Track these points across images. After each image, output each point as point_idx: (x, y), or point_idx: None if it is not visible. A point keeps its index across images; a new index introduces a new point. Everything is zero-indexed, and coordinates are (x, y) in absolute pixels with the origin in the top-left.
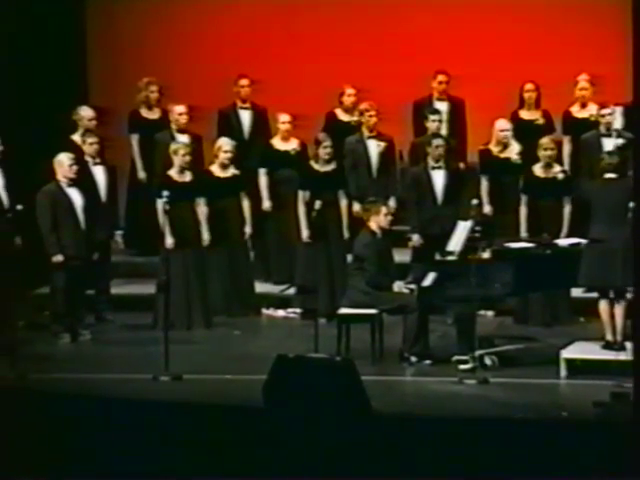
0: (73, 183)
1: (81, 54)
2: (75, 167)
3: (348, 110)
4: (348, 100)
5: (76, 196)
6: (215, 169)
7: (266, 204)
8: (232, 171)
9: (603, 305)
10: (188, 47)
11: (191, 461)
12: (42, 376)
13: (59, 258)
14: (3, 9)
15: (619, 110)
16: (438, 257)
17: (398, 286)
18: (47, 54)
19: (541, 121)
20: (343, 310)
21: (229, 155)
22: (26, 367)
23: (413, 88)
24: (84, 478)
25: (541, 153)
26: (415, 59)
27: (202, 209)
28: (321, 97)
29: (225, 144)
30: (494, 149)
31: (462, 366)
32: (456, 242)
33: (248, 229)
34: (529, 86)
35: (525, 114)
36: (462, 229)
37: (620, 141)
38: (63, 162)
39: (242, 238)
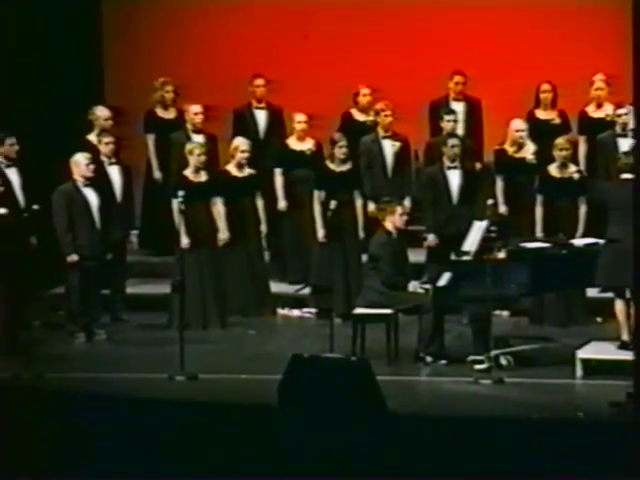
0: (89, 183)
1: (97, 54)
2: (92, 167)
3: (363, 110)
4: (363, 100)
5: (92, 196)
6: (232, 169)
7: (282, 204)
8: (248, 171)
9: (619, 305)
10: (204, 47)
11: (206, 461)
12: (57, 375)
13: (74, 258)
14: (20, 9)
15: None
16: (453, 257)
17: (413, 286)
18: (63, 54)
19: (557, 121)
20: (358, 310)
21: (246, 155)
22: (42, 367)
23: (429, 88)
24: (99, 477)
25: (557, 153)
26: (432, 59)
27: (218, 209)
28: (337, 97)
29: (242, 144)
30: (509, 149)
31: (478, 366)
32: (471, 242)
33: (263, 228)
34: (545, 86)
35: (541, 114)
36: (477, 229)
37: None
38: (80, 162)
39: (258, 238)
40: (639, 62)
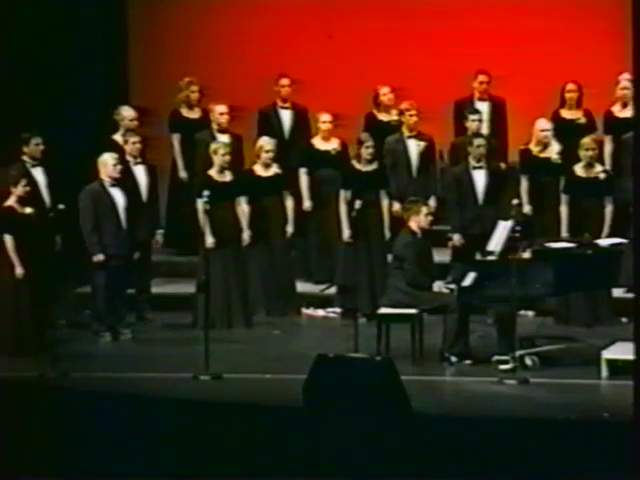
0: (116, 183)
1: (123, 54)
2: (119, 167)
3: (385, 110)
4: (384, 100)
5: (118, 196)
6: (257, 168)
7: (307, 204)
8: (274, 170)
9: None
10: (229, 47)
11: (231, 460)
12: (83, 375)
13: (100, 257)
14: (46, 10)
15: None
16: (478, 257)
17: (438, 286)
18: (89, 54)
19: (582, 120)
20: (383, 310)
21: (271, 154)
22: (67, 366)
23: (454, 88)
24: (123, 476)
25: (582, 153)
26: (456, 59)
27: (243, 208)
28: (362, 96)
29: (267, 143)
30: (534, 149)
31: (502, 366)
32: (496, 242)
33: (290, 228)
34: (571, 86)
35: (566, 113)
36: (502, 229)
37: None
38: (107, 162)
39: (284, 237)
40: (639, 62)
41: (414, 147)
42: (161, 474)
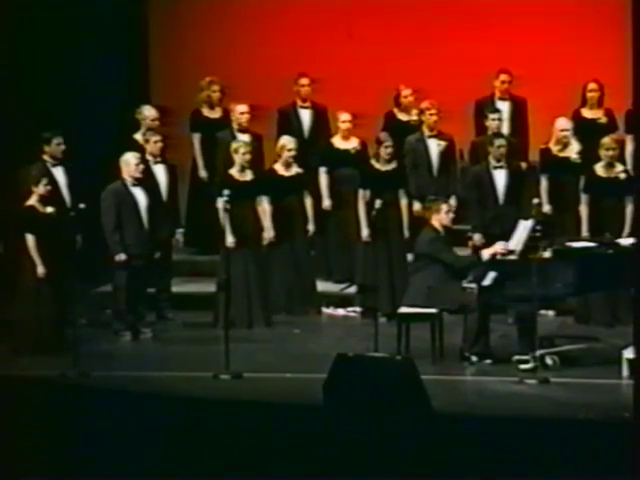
0: (138, 182)
1: (144, 54)
2: (141, 167)
3: (406, 110)
4: (405, 100)
5: (140, 195)
6: (279, 168)
7: (326, 203)
8: (296, 169)
9: None
10: (249, 46)
11: (251, 459)
12: (104, 374)
13: (122, 257)
14: (67, 10)
15: None
16: (499, 256)
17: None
18: (110, 54)
19: (603, 120)
20: (403, 309)
21: (292, 153)
22: (88, 365)
23: (475, 87)
24: (142, 476)
25: (603, 153)
26: (477, 58)
27: (264, 207)
28: (381, 96)
29: (288, 142)
30: (554, 148)
31: (523, 366)
32: (517, 241)
33: (311, 227)
34: (592, 85)
35: (587, 113)
36: (523, 228)
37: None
38: (130, 161)
39: (305, 236)
40: (639, 63)
41: (435, 147)
42: (180, 473)
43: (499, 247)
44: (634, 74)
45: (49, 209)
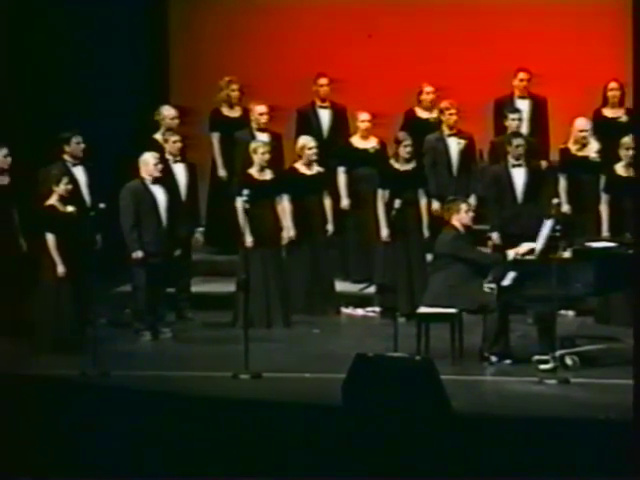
0: (156, 181)
1: (163, 54)
2: (159, 166)
3: (427, 108)
4: (427, 98)
5: (159, 193)
6: (300, 167)
7: (345, 202)
8: (317, 169)
9: None
10: (268, 46)
11: (269, 459)
12: (123, 373)
13: (139, 255)
14: (87, 11)
15: None
16: (518, 256)
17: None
18: (130, 54)
19: (624, 119)
20: (423, 309)
21: (314, 151)
22: (108, 364)
23: (494, 86)
24: (161, 475)
25: (623, 152)
26: (496, 57)
27: (284, 206)
28: (400, 95)
29: (308, 141)
30: (572, 148)
31: (543, 366)
32: (539, 241)
33: (330, 227)
34: (613, 84)
35: (608, 112)
36: (545, 228)
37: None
38: (148, 161)
39: (324, 236)
40: (639, 64)
41: (455, 146)
42: (199, 473)
43: (525, 248)
44: (634, 74)
45: (70, 208)
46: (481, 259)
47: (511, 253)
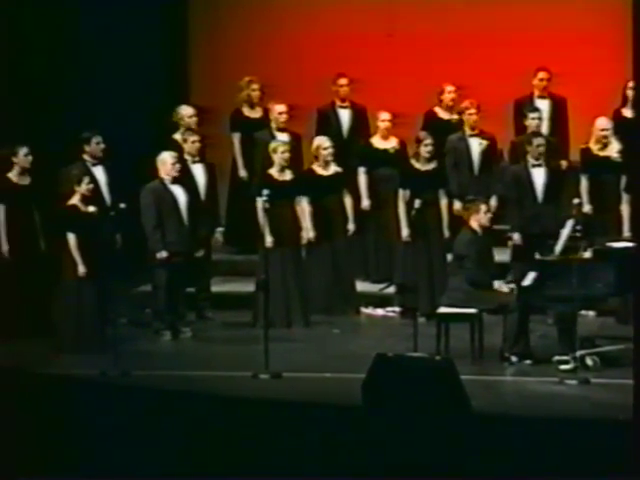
0: (176, 181)
1: (183, 54)
2: (177, 166)
3: (447, 108)
4: (448, 98)
5: (179, 193)
6: (317, 167)
7: (365, 203)
8: (334, 169)
9: None
10: (288, 46)
11: (290, 458)
12: (144, 373)
13: (163, 254)
14: (107, 10)
15: None
16: (539, 256)
17: (498, 285)
18: (150, 54)
19: None
20: (443, 309)
21: (329, 151)
22: (128, 364)
23: (514, 86)
24: (181, 475)
25: None
26: (516, 57)
27: (303, 207)
28: (420, 95)
29: (323, 142)
30: (594, 147)
31: (563, 366)
32: (560, 241)
33: (351, 227)
34: (632, 84)
35: (628, 112)
36: (565, 228)
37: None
38: (166, 161)
39: (345, 236)
40: (639, 62)
41: (476, 146)
42: (218, 472)
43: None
44: (634, 74)
45: (91, 208)
46: (472, 276)
47: (496, 286)
